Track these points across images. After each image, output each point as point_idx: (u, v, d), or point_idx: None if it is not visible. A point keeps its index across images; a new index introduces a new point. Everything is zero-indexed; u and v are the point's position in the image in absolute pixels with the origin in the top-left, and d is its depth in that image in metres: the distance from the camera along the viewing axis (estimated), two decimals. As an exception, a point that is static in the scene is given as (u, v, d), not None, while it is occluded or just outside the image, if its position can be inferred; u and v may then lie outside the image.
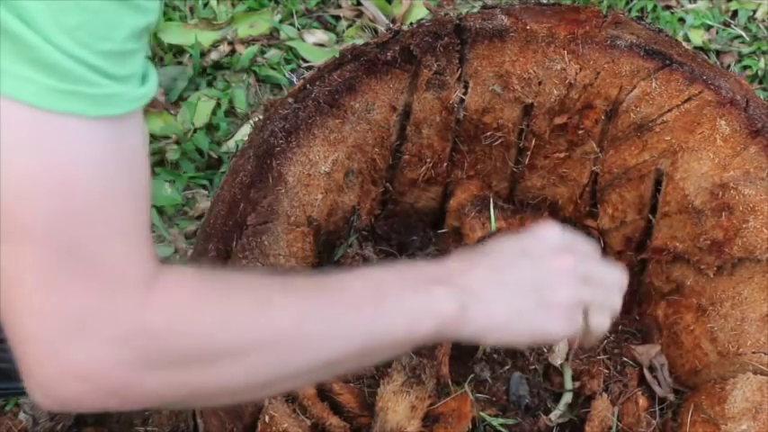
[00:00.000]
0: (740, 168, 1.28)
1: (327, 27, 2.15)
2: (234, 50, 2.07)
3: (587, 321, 0.99)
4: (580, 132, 1.39)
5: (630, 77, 1.33)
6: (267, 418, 1.10)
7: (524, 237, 1.01)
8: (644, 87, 1.32)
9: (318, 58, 2.03)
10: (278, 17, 2.13)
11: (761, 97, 1.38)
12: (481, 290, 0.91)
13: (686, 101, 1.31)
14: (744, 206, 1.26)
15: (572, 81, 1.34)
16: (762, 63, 2.13)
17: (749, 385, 1.19)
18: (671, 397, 1.32)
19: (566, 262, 0.98)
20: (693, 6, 2.23)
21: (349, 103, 1.30)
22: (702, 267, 1.30)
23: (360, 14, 2.17)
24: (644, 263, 1.42)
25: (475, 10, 1.43)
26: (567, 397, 1.34)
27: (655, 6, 2.21)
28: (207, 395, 0.77)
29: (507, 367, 1.36)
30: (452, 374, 1.30)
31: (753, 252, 1.25)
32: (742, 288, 1.26)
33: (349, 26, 2.16)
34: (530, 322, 0.95)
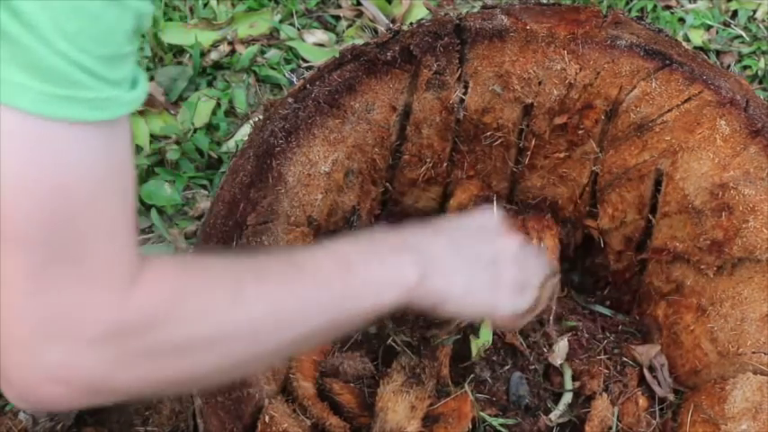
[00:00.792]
0: (740, 168, 1.28)
1: (327, 27, 2.15)
2: (234, 50, 2.07)
3: (539, 302, 1.08)
4: (580, 132, 1.39)
5: (630, 77, 1.33)
6: (267, 418, 1.10)
7: (475, 215, 1.09)
8: (644, 87, 1.32)
9: (318, 58, 2.03)
10: (278, 17, 2.13)
11: (761, 97, 1.38)
12: (443, 260, 0.96)
13: (686, 101, 1.31)
14: (744, 206, 1.26)
15: (572, 81, 1.34)
16: (762, 63, 2.13)
17: (749, 385, 1.19)
18: (671, 397, 1.32)
19: (513, 244, 1.06)
20: (693, 6, 2.23)
21: (349, 103, 1.30)
22: (702, 267, 1.30)
23: (360, 14, 2.17)
24: (644, 263, 1.42)
25: (475, 10, 1.43)
26: (567, 397, 1.34)
27: (655, 6, 2.21)
28: (180, 383, 0.79)
29: (507, 367, 1.36)
30: (452, 374, 1.31)
31: (753, 252, 1.25)
32: (742, 288, 1.26)
33: (349, 26, 2.16)
34: (483, 297, 1.02)
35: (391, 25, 2.11)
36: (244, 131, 1.90)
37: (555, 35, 1.34)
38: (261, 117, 1.32)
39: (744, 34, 2.18)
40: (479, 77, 1.35)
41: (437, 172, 1.44)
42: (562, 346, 1.36)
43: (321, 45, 2.11)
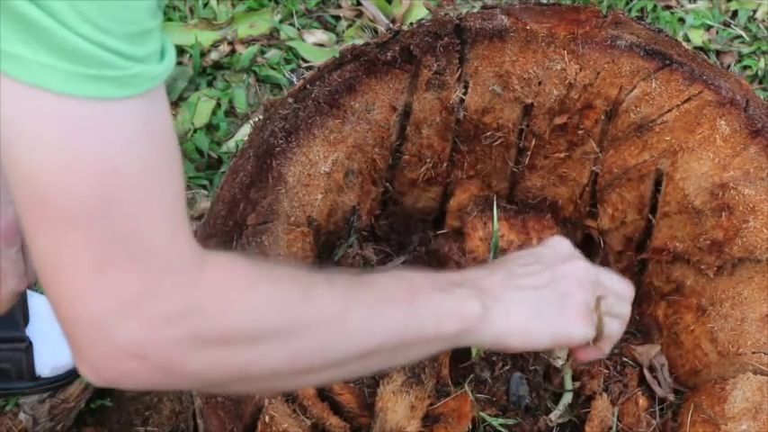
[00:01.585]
0: (740, 168, 1.28)
1: (327, 27, 2.15)
2: (234, 50, 2.07)
3: (602, 326, 1.01)
4: (580, 132, 1.39)
5: (630, 77, 1.33)
6: (267, 419, 1.10)
7: (535, 248, 1.06)
8: (644, 87, 1.32)
9: (318, 58, 2.03)
10: (278, 17, 2.13)
11: (761, 97, 1.38)
12: (501, 293, 0.94)
13: (686, 101, 1.31)
14: (744, 206, 1.26)
15: (572, 81, 1.34)
16: (762, 63, 2.13)
17: (749, 385, 1.19)
18: (671, 397, 1.32)
19: (578, 267, 1.02)
20: (693, 6, 2.23)
21: (349, 103, 1.30)
22: (702, 267, 1.30)
23: (360, 14, 2.17)
24: (644, 263, 1.42)
25: (475, 10, 1.43)
26: (567, 397, 1.34)
27: (655, 6, 2.21)
28: (251, 378, 0.78)
29: (507, 367, 1.36)
30: (452, 374, 1.31)
31: (753, 252, 1.25)
32: (742, 288, 1.26)
33: (349, 26, 2.16)
34: (550, 325, 0.97)
35: (391, 25, 2.11)
36: (244, 131, 1.90)
37: (555, 35, 1.34)
38: (261, 117, 1.32)
39: (744, 34, 2.18)
40: (479, 77, 1.35)
41: (437, 172, 1.44)
42: (563, 348, 1.36)
43: (321, 45, 2.11)
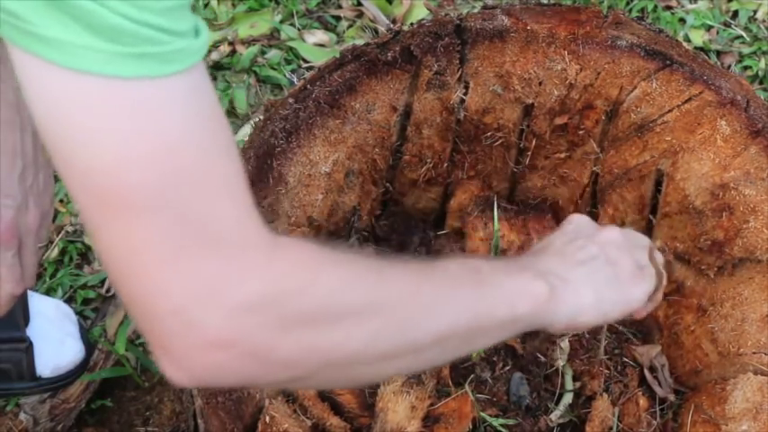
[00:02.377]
0: (740, 169, 1.28)
1: (328, 27, 2.15)
2: (234, 51, 2.07)
3: (661, 276, 1.05)
4: (580, 133, 1.39)
5: (631, 78, 1.33)
6: (268, 419, 1.10)
7: (561, 228, 1.06)
8: (644, 88, 1.32)
9: (319, 59, 2.03)
10: (278, 17, 2.13)
11: (761, 98, 1.38)
12: (564, 273, 0.94)
13: (687, 101, 1.31)
14: (744, 206, 1.26)
15: (572, 81, 1.34)
16: (762, 63, 2.13)
17: (749, 385, 1.19)
18: (671, 397, 1.32)
19: (612, 233, 1.03)
20: (694, 7, 2.23)
21: (349, 104, 1.30)
22: (703, 268, 1.30)
23: (360, 15, 2.18)
24: (644, 263, 1.42)
25: (475, 10, 1.43)
26: (568, 397, 1.34)
27: (655, 7, 2.21)
28: (334, 364, 0.75)
29: (508, 367, 1.36)
30: (452, 375, 1.31)
31: (753, 252, 1.25)
32: (742, 288, 1.26)
33: (349, 26, 2.16)
34: (616, 294, 0.98)
35: (392, 25, 2.11)
36: (244, 132, 1.90)
37: (555, 35, 1.34)
38: (261, 117, 1.32)
39: (744, 34, 2.18)
40: (480, 78, 1.35)
41: (437, 172, 1.44)
42: (564, 347, 1.36)
43: (322, 45, 2.11)
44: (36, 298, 1.47)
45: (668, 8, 2.23)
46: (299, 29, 2.12)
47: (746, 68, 2.13)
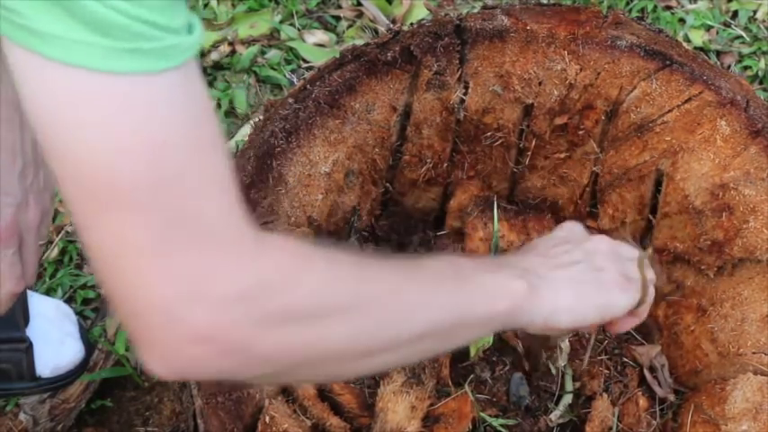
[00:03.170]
0: (740, 169, 1.28)
1: (328, 27, 2.15)
2: (234, 51, 2.07)
3: (647, 289, 1.04)
4: (580, 133, 1.39)
5: (631, 78, 1.33)
6: (267, 419, 1.10)
7: (553, 233, 1.08)
8: (644, 88, 1.32)
9: (319, 59, 2.03)
10: (278, 17, 2.13)
11: (761, 98, 1.38)
12: (545, 272, 0.95)
13: (686, 101, 1.31)
14: (744, 206, 1.26)
15: (572, 81, 1.34)
16: (762, 63, 2.13)
17: (749, 386, 1.19)
18: (671, 397, 1.32)
19: (602, 242, 1.05)
20: (694, 7, 2.23)
21: (349, 104, 1.30)
22: (703, 268, 1.30)
23: (360, 15, 2.17)
24: (644, 263, 1.42)
25: (475, 10, 1.43)
26: (568, 398, 1.34)
27: (655, 7, 2.21)
28: (315, 361, 0.76)
29: (507, 368, 1.36)
30: (452, 375, 1.31)
31: (753, 252, 1.25)
32: (742, 288, 1.26)
33: (349, 26, 2.16)
34: (595, 299, 0.99)
35: (391, 26, 2.11)
36: (244, 132, 1.90)
37: (555, 35, 1.34)
38: (261, 117, 1.32)
39: (744, 35, 2.18)
40: (480, 78, 1.35)
41: (437, 172, 1.44)
42: (564, 348, 1.36)
43: (321, 45, 2.11)
44: (36, 298, 1.47)
45: (668, 8, 2.23)
46: (299, 29, 2.12)
47: (746, 68, 2.13)
